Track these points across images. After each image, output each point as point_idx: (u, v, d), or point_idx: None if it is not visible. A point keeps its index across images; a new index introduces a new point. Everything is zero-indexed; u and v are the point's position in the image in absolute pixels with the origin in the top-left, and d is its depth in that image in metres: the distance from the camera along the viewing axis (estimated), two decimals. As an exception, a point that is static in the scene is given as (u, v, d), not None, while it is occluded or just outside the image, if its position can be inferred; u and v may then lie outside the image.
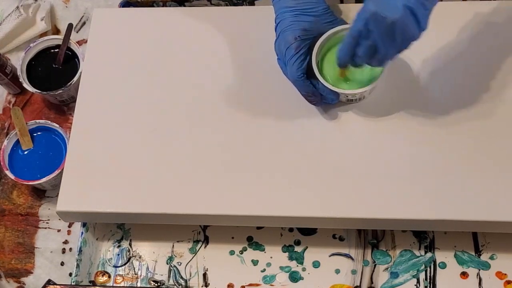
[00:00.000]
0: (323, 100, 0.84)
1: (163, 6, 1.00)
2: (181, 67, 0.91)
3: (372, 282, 0.86)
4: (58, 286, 0.82)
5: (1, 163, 0.96)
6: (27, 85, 1.00)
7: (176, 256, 0.91)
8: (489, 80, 0.85)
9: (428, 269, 0.86)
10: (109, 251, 0.92)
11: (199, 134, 0.87)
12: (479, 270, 0.85)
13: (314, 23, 0.82)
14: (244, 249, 0.90)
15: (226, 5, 1.00)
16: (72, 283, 0.86)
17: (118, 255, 0.92)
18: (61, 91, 0.99)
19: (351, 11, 0.89)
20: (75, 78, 0.99)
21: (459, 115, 0.84)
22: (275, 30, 0.83)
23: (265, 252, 0.90)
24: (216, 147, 0.86)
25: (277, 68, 0.87)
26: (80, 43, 1.06)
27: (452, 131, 0.83)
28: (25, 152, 0.98)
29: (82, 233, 0.89)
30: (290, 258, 0.89)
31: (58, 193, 0.86)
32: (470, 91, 0.85)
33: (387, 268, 0.87)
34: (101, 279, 0.90)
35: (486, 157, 0.81)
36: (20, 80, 1.01)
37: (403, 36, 0.71)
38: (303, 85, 0.82)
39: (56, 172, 0.94)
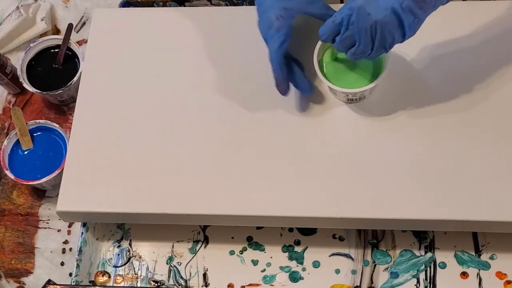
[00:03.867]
0: (298, 88, 0.83)
1: (163, 6, 1.00)
2: (181, 67, 0.91)
3: (372, 282, 0.86)
4: (58, 286, 0.82)
5: (1, 163, 0.96)
6: (27, 85, 1.00)
7: (176, 256, 0.91)
8: (490, 80, 0.85)
9: (428, 269, 0.86)
10: (109, 251, 0.92)
11: (199, 134, 0.87)
12: (479, 270, 0.85)
13: (295, 2, 0.80)
14: (244, 249, 0.90)
15: (226, 5, 1.00)
16: (72, 283, 0.86)
17: (118, 255, 0.92)
18: (61, 91, 0.99)
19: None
20: (75, 78, 0.99)
21: (459, 115, 0.84)
22: (257, 11, 0.82)
23: (265, 252, 0.90)
24: (216, 147, 0.86)
25: (277, 68, 0.87)
26: (80, 43, 1.07)
27: (452, 131, 0.83)
28: (25, 152, 0.98)
29: (82, 233, 0.89)
30: (290, 258, 0.89)
31: (58, 193, 0.86)
32: (471, 91, 0.85)
33: (387, 268, 0.87)
34: (101, 279, 0.90)
35: (486, 157, 0.81)
36: (20, 80, 1.01)
37: (382, 37, 0.72)
38: (278, 68, 0.81)
39: (56, 172, 0.94)
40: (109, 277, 0.91)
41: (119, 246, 0.92)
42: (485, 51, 0.86)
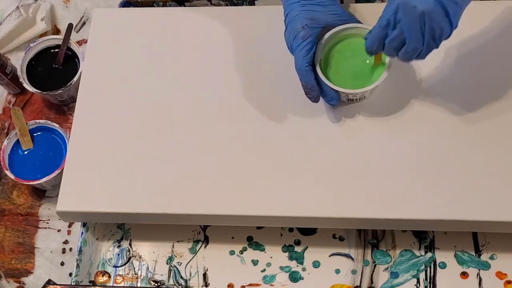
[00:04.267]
0: (323, 97, 0.84)
1: (163, 6, 1.00)
2: (181, 67, 0.91)
3: (372, 282, 0.86)
4: (58, 286, 0.82)
5: (1, 163, 0.96)
6: (27, 85, 1.00)
7: (176, 256, 0.91)
8: (490, 80, 0.85)
9: (428, 269, 0.86)
10: (109, 251, 0.92)
11: (199, 134, 0.87)
12: (479, 270, 0.85)
13: (322, 13, 0.82)
14: (244, 249, 0.90)
15: (226, 5, 1.00)
16: (72, 283, 0.86)
17: (118, 255, 0.92)
18: (61, 91, 0.99)
19: (351, 12, 0.89)
20: (75, 78, 0.99)
21: (459, 115, 0.84)
22: (284, 22, 0.83)
23: (265, 252, 0.90)
24: (216, 147, 0.86)
25: (277, 68, 0.87)
26: (80, 43, 1.07)
27: (452, 131, 0.83)
28: (25, 152, 0.98)
29: (82, 233, 0.89)
30: (290, 258, 0.89)
31: (58, 193, 0.86)
32: (471, 91, 0.85)
33: (387, 268, 0.87)
34: (101, 279, 0.90)
35: (487, 157, 0.81)
36: (20, 80, 1.01)
37: (431, 29, 0.71)
38: (306, 75, 0.81)
39: (56, 172, 0.94)
40: (109, 277, 0.91)
41: (119, 246, 0.92)
42: (485, 51, 0.86)
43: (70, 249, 0.95)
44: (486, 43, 0.87)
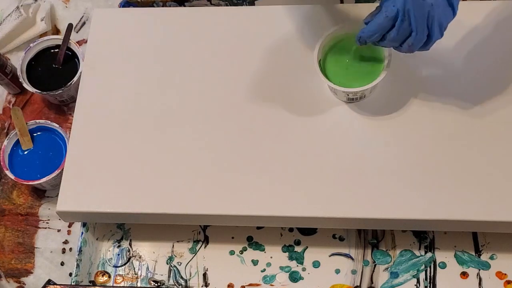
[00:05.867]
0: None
1: (163, 6, 1.00)
2: (181, 67, 0.91)
3: (372, 282, 0.86)
4: (58, 286, 0.82)
5: (1, 163, 0.96)
6: (27, 85, 1.00)
7: (176, 256, 0.91)
8: (491, 80, 0.85)
9: (428, 269, 0.86)
10: (109, 251, 0.92)
11: (199, 134, 0.87)
12: (479, 270, 0.85)
13: None
14: (244, 249, 0.90)
15: (226, 5, 1.00)
16: (72, 283, 0.86)
17: (118, 255, 0.92)
18: (61, 91, 0.99)
19: (350, 12, 0.89)
20: (75, 78, 0.99)
21: (459, 115, 0.84)
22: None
23: (265, 252, 0.90)
24: (216, 147, 0.86)
25: (276, 68, 0.87)
26: (80, 43, 1.07)
27: (452, 131, 0.83)
28: (25, 152, 0.98)
29: (82, 233, 0.89)
30: (290, 258, 0.89)
31: (58, 193, 0.86)
32: (471, 91, 0.85)
33: (387, 268, 0.87)
34: (101, 279, 0.90)
35: (487, 157, 0.81)
36: (20, 80, 1.01)
37: (438, 21, 0.71)
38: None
39: (56, 172, 0.94)
40: (109, 277, 0.91)
41: (119, 246, 0.92)
42: (485, 51, 0.86)
43: (70, 249, 0.95)
44: (486, 43, 0.87)
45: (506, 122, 0.82)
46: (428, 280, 0.86)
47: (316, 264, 0.88)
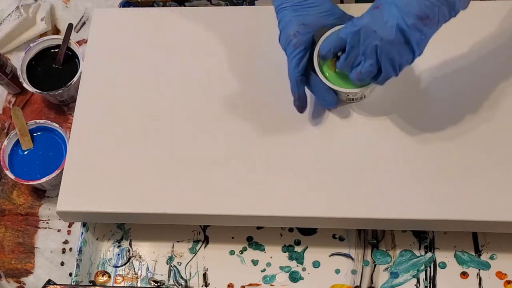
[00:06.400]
0: (321, 102, 0.83)
1: (163, 6, 1.00)
2: (181, 67, 0.91)
3: (372, 282, 0.86)
4: (58, 286, 0.82)
5: (1, 163, 0.96)
6: (27, 85, 1.00)
7: (176, 256, 0.91)
8: (490, 80, 0.85)
9: (428, 269, 0.86)
10: (109, 251, 0.92)
11: (199, 134, 0.87)
12: (479, 270, 0.85)
13: (313, 16, 0.79)
14: (244, 249, 0.90)
15: (226, 5, 1.00)
16: (72, 283, 0.86)
17: (118, 255, 0.92)
18: (61, 91, 0.99)
19: (350, 11, 0.89)
20: (75, 78, 0.99)
21: (459, 115, 0.84)
22: (278, 27, 0.82)
23: (265, 252, 0.90)
24: (216, 147, 0.86)
25: (276, 68, 0.87)
26: (80, 43, 1.07)
27: (452, 131, 0.83)
28: (25, 152, 0.98)
29: (82, 233, 0.89)
30: (290, 258, 0.89)
31: (58, 193, 0.86)
32: (471, 91, 0.85)
33: (387, 268, 0.87)
34: (101, 279, 0.90)
35: (486, 157, 0.81)
36: (20, 80, 1.01)
37: (390, 56, 0.71)
38: (295, 85, 0.80)
39: (56, 172, 0.94)
40: (109, 277, 0.91)
41: (119, 246, 0.92)
42: (485, 52, 0.86)
43: (70, 249, 0.95)
44: (486, 43, 0.87)
45: (506, 122, 0.82)
46: (428, 280, 0.86)
47: (316, 264, 0.88)
